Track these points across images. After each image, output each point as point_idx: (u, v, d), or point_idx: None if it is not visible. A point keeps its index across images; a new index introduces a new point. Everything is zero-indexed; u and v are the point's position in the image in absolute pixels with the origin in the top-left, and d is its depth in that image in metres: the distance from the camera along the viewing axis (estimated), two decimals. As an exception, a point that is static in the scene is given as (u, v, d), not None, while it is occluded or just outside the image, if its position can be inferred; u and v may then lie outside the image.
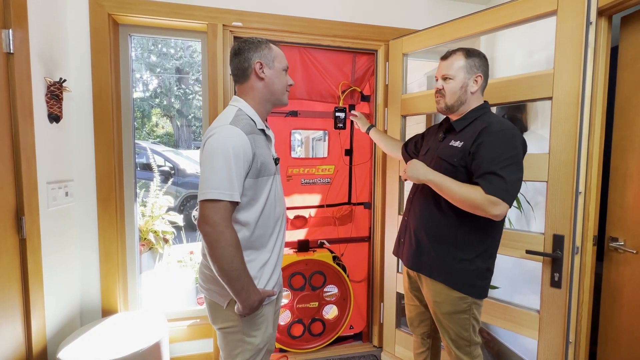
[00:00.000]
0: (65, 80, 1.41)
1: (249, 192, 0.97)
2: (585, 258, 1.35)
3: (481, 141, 1.07)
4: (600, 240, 1.41)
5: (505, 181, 1.01)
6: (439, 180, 1.10)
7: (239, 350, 1.01)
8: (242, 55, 1.02)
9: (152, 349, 1.37)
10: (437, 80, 1.24)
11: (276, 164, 1.10)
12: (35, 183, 1.27)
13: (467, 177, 1.10)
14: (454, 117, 1.23)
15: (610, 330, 1.39)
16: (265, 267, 1.03)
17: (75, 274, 1.58)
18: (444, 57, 1.21)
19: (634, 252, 1.29)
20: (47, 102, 1.36)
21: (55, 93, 1.37)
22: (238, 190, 0.90)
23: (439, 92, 1.21)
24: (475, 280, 1.14)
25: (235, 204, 0.92)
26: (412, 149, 1.47)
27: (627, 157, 1.33)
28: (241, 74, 1.04)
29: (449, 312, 1.18)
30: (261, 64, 1.02)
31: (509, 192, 1.01)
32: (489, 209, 1.01)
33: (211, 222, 0.87)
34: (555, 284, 1.29)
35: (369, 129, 1.69)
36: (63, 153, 1.49)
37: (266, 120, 1.14)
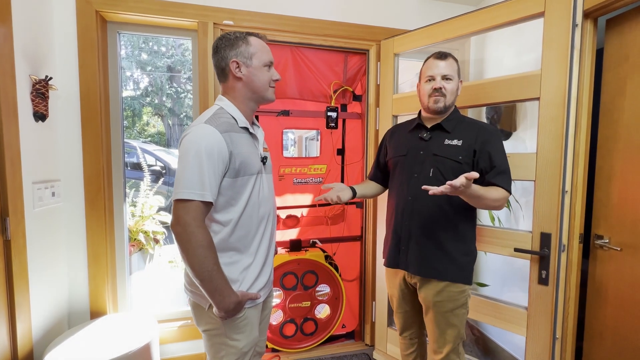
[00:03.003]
0: (51, 78, 1.38)
1: (228, 192, 0.95)
2: (572, 256, 1.37)
3: (484, 140, 1.18)
4: (586, 238, 1.44)
5: (510, 175, 1.18)
6: (479, 191, 1.05)
7: (223, 353, 0.99)
8: (219, 54, 1.00)
9: (142, 351, 1.35)
10: (432, 79, 1.21)
11: (264, 163, 1.07)
12: (20, 183, 1.24)
13: (470, 170, 1.10)
14: (437, 118, 1.25)
15: (596, 326, 1.42)
16: (249, 270, 1.00)
17: (63, 275, 1.55)
18: (442, 57, 1.21)
19: (619, 249, 1.32)
20: (33, 101, 1.33)
21: (40, 91, 1.34)
22: (210, 190, 0.88)
23: (439, 92, 1.19)
24: (471, 267, 1.24)
25: (208, 204, 0.90)
26: (383, 162, 1.44)
27: (612, 156, 1.36)
28: (220, 73, 1.02)
29: (451, 309, 1.20)
30: (237, 63, 0.98)
31: (511, 185, 1.18)
32: (504, 204, 1.15)
33: (182, 222, 0.85)
34: (543, 281, 1.32)
35: (354, 193, 1.36)
36: (49, 152, 1.46)
37: (255, 118, 1.11)
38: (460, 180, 0.95)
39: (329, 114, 1.94)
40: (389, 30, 1.89)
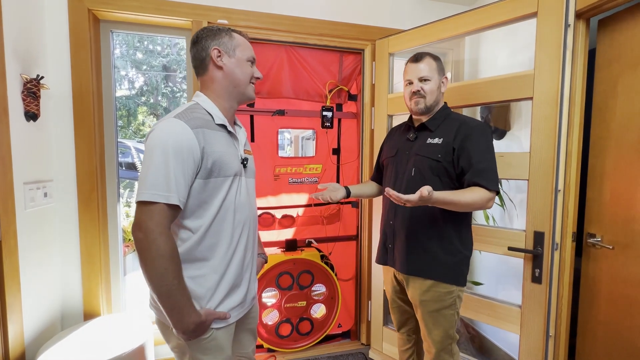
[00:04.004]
0: (42, 78, 1.36)
1: (200, 195, 0.86)
2: (565, 254, 1.38)
3: (463, 137, 1.14)
4: (579, 236, 1.45)
5: (495, 172, 1.12)
6: (447, 198, 1.04)
7: None
8: (200, 44, 0.94)
9: (136, 352, 1.34)
10: (410, 82, 1.24)
11: (245, 165, 0.98)
12: (11, 184, 1.23)
13: (452, 169, 1.16)
14: (423, 118, 1.26)
15: (589, 324, 1.44)
16: (220, 285, 0.90)
17: (56, 276, 1.54)
18: (417, 60, 1.23)
19: (611, 247, 1.33)
20: (24, 100, 1.31)
21: (32, 90, 1.33)
22: (177, 192, 0.79)
23: (418, 94, 1.22)
24: (462, 269, 1.21)
25: (174, 208, 0.80)
26: (380, 162, 1.47)
27: (604, 155, 1.37)
28: (199, 64, 0.95)
29: (437, 309, 1.19)
30: (219, 51, 0.93)
31: (497, 182, 1.12)
32: (489, 204, 1.10)
33: (144, 227, 0.76)
34: (536, 279, 1.33)
35: (347, 192, 1.40)
36: (41, 152, 1.44)
37: (237, 118, 1.06)
38: (414, 197, 0.94)
39: (325, 113, 1.94)
40: (384, 30, 1.89)
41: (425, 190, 0.94)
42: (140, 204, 0.79)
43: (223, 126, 0.93)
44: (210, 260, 0.89)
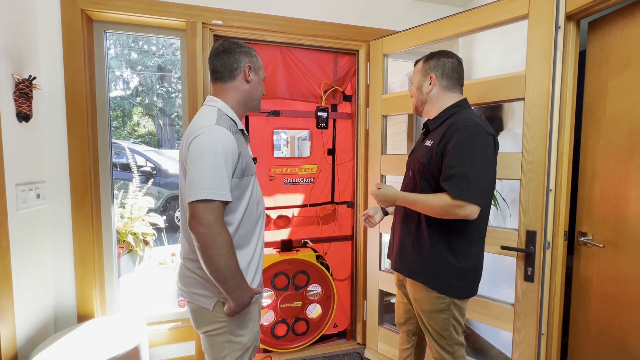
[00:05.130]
0: (35, 78, 1.36)
1: (235, 192, 0.97)
2: (557, 253, 1.40)
3: (447, 140, 1.08)
4: (571, 235, 1.47)
5: (469, 180, 1.00)
6: (408, 198, 1.15)
7: (227, 351, 1.01)
8: (233, 56, 1.04)
9: (130, 354, 1.33)
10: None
11: (254, 163, 1.14)
12: (2, 185, 1.22)
13: (438, 173, 1.10)
14: (429, 118, 1.26)
15: (581, 321, 1.46)
16: (250, 266, 1.04)
17: (49, 278, 1.52)
18: (415, 63, 1.29)
19: (601, 246, 1.35)
20: (16, 101, 1.30)
21: (24, 91, 1.32)
22: (229, 190, 0.91)
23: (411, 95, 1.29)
24: (453, 281, 1.13)
25: (226, 204, 0.92)
26: None
27: (595, 155, 1.39)
28: (227, 73, 1.04)
29: (429, 310, 1.19)
30: (250, 68, 1.06)
31: (474, 191, 1.01)
32: (456, 211, 1.02)
33: (206, 223, 0.86)
34: (529, 278, 1.34)
35: (385, 213, 1.46)
36: (34, 153, 1.43)
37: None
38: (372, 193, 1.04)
39: (320, 114, 1.94)
40: (378, 31, 1.90)
41: (374, 186, 1.03)
42: (199, 202, 0.87)
43: (241, 130, 1.06)
44: (244, 246, 1.02)
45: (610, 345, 1.32)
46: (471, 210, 1.02)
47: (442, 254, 1.14)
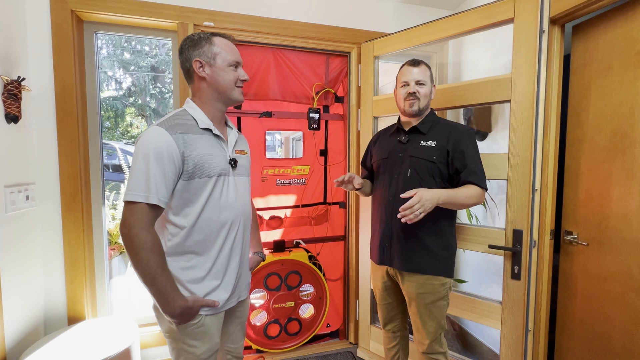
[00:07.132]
0: (23, 79, 1.35)
1: (184, 195, 0.93)
2: (543, 251, 1.43)
3: (455, 141, 1.23)
4: (558, 233, 1.51)
5: (483, 172, 1.23)
6: (452, 195, 1.16)
7: (182, 358, 0.98)
8: (183, 55, 1.00)
9: (121, 356, 1.33)
10: (406, 84, 1.29)
11: (233, 165, 1.03)
12: (-9, 186, 1.21)
13: (446, 170, 1.25)
14: (413, 121, 1.31)
15: (567, 318, 1.49)
16: (209, 275, 0.98)
17: (38, 281, 1.51)
18: (415, 64, 1.29)
19: (586, 244, 1.38)
20: (4, 102, 1.30)
21: (13, 92, 1.31)
22: (157, 193, 0.87)
23: (414, 96, 1.27)
24: (452, 262, 1.29)
25: (154, 207, 0.88)
26: (369, 165, 1.51)
27: (579, 156, 1.43)
28: (186, 74, 1.02)
29: (432, 301, 1.25)
30: (200, 63, 0.97)
31: (486, 181, 1.24)
32: (482, 199, 1.23)
33: (127, 224, 0.86)
34: (515, 276, 1.37)
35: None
36: (23, 155, 1.42)
37: (224, 119, 1.09)
38: (414, 201, 1.07)
39: (312, 115, 1.96)
40: (370, 33, 1.92)
41: (404, 195, 1.10)
42: (125, 203, 0.89)
43: (208, 129, 0.99)
44: (199, 254, 0.97)
45: (595, 340, 1.35)
46: (484, 197, 1.25)
47: (449, 240, 1.28)
